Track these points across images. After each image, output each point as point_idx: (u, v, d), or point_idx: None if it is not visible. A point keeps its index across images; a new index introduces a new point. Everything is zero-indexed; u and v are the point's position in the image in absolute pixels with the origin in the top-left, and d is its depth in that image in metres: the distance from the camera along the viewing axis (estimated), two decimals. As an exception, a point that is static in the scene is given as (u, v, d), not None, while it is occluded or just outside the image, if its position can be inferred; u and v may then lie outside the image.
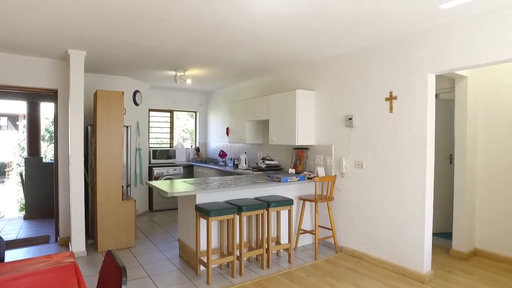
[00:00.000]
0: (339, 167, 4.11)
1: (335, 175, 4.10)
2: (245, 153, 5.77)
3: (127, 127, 4.85)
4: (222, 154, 6.40)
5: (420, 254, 3.25)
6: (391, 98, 3.52)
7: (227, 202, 3.54)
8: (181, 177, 6.54)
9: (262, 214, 3.54)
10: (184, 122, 8.58)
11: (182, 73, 4.95)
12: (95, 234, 4.12)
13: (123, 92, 4.13)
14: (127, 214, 4.18)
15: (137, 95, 5.89)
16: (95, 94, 4.06)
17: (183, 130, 8.57)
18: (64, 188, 4.29)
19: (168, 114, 7.29)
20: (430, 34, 3.14)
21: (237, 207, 3.32)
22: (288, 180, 3.84)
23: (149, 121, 6.69)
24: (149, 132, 6.69)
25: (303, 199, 4.04)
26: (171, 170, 6.43)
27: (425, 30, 3.15)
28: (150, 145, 6.84)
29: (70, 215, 3.90)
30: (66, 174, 4.22)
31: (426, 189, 3.22)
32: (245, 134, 5.43)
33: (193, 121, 7.76)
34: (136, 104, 5.87)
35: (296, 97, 4.32)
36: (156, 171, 6.28)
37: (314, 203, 4.10)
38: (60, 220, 4.32)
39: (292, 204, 3.70)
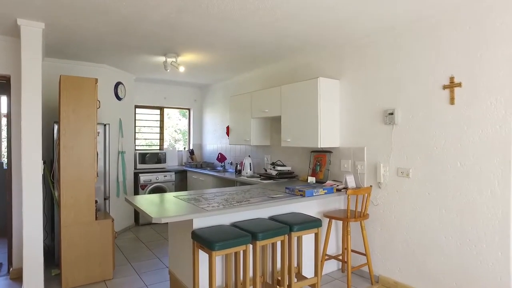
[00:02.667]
0: (375, 175, 3.23)
1: (370, 186, 3.22)
2: (249, 156, 4.86)
3: (105, 125, 3.90)
4: (221, 158, 5.48)
5: (501, 297, 2.38)
6: (452, 85, 2.65)
7: (235, 225, 2.62)
8: (173, 185, 5.59)
9: (283, 241, 2.62)
10: (176, 121, 7.61)
11: (174, 59, 4.02)
12: (60, 264, 3.16)
13: (96, 79, 3.17)
14: (102, 237, 3.23)
15: (120, 87, 4.93)
16: (59, 82, 3.11)
17: (175, 131, 7.60)
18: (20, 203, 3.31)
19: (158, 111, 6.34)
20: (519, -6, 2.28)
21: (250, 234, 2.40)
22: (314, 194, 2.93)
23: (135, 119, 5.73)
24: (135, 132, 5.73)
25: (330, 217, 3.13)
26: (160, 177, 5.48)
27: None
28: (137, 148, 5.88)
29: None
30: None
31: (511, 208, 2.36)
32: (250, 134, 4.51)
33: (186, 120, 6.81)
34: (118, 98, 4.91)
35: (318, 87, 3.42)
36: (142, 178, 5.33)
37: (343, 222, 3.21)
38: (14, 245, 3.33)
39: (321, 225, 2.79)
